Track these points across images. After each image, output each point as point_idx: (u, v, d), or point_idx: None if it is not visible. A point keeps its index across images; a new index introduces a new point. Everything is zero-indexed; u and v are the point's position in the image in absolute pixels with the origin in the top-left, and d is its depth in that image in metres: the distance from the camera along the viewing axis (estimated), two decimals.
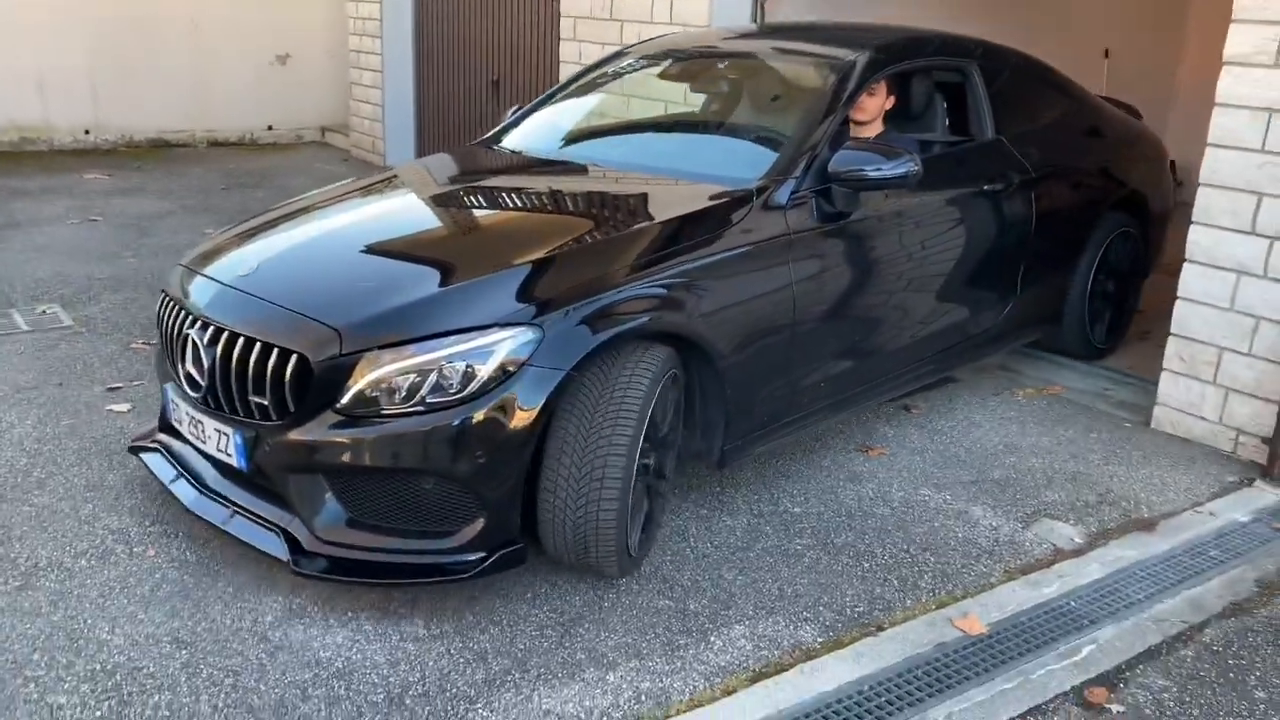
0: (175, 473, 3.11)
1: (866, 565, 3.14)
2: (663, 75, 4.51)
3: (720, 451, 3.24)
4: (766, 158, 3.54)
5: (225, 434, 2.87)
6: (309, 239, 3.34)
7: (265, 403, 2.76)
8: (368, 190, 3.86)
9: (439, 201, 3.77)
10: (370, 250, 3.21)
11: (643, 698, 2.49)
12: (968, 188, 4.05)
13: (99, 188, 8.18)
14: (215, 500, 2.95)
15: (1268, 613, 2.99)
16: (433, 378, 2.64)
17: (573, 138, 4.33)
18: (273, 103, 10.60)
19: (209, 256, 3.26)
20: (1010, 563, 3.20)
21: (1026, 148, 4.31)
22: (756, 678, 2.58)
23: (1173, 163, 5.35)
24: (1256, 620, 2.95)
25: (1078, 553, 3.28)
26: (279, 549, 2.75)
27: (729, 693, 2.52)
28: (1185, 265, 4.07)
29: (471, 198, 3.80)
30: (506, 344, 2.68)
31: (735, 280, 3.17)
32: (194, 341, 2.90)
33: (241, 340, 2.80)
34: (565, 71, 6.89)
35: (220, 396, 2.86)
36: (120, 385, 4.29)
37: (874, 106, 3.96)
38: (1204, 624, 2.92)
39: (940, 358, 4.10)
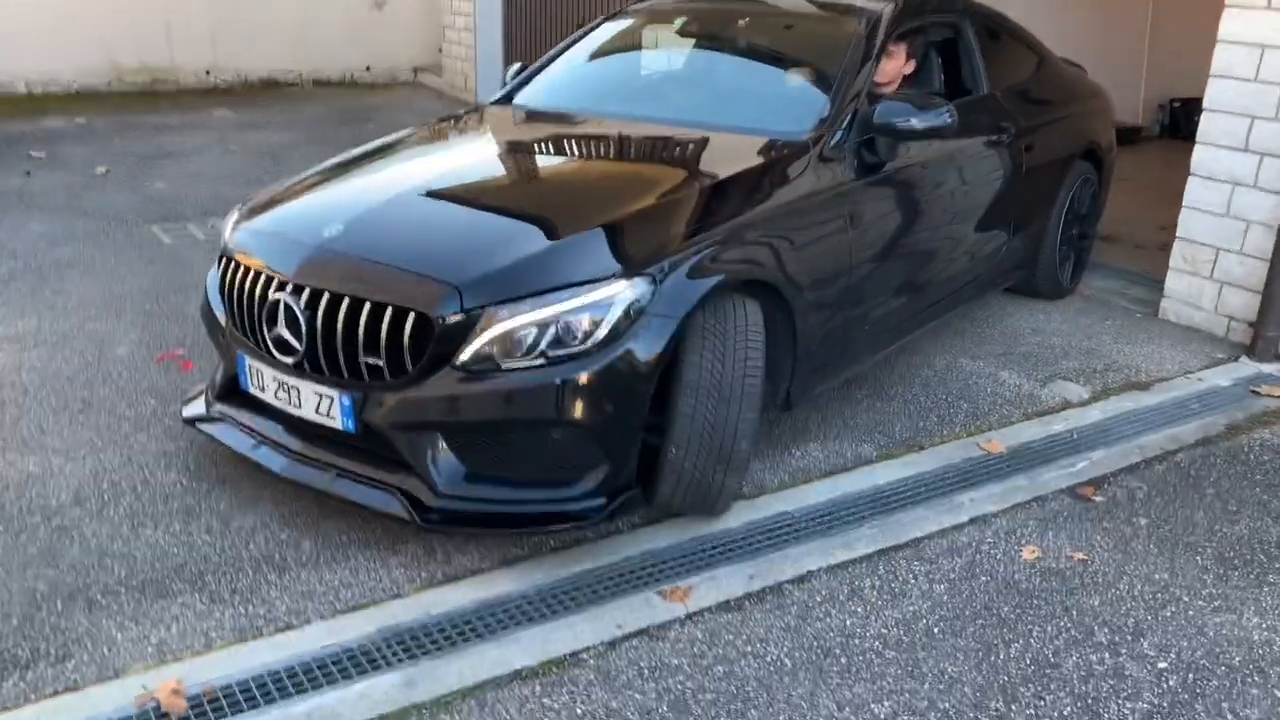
0: (254, 441, 3.08)
1: (913, 408, 4.00)
2: (686, 28, 4.59)
3: (785, 394, 3.41)
4: (812, 109, 3.67)
5: (329, 397, 2.82)
6: (388, 193, 3.25)
7: (379, 363, 2.73)
8: (422, 143, 3.90)
9: (507, 154, 3.86)
10: (458, 204, 3.27)
11: (742, 484, 3.38)
12: (978, 138, 4.33)
13: (228, 123, 9.15)
14: (310, 465, 2.93)
15: (1229, 444, 3.81)
16: (552, 330, 2.68)
17: (612, 93, 4.34)
18: (370, 45, 11.48)
19: (277, 217, 3.23)
20: (1028, 409, 4.03)
21: (1013, 102, 4.65)
22: (827, 474, 3.47)
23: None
24: (1219, 449, 3.77)
25: (1083, 404, 4.10)
26: (398, 508, 2.77)
27: (807, 482, 3.41)
28: (1190, 179, 4.82)
29: (534, 151, 3.87)
30: (626, 294, 2.73)
31: (804, 229, 3.32)
32: (287, 306, 2.84)
33: (347, 302, 2.75)
34: None
35: (322, 360, 2.82)
36: None
37: (893, 70, 4.16)
38: (1176, 451, 3.75)
39: (951, 300, 4.38)
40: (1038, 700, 2.43)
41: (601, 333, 2.70)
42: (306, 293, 2.82)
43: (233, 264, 3.10)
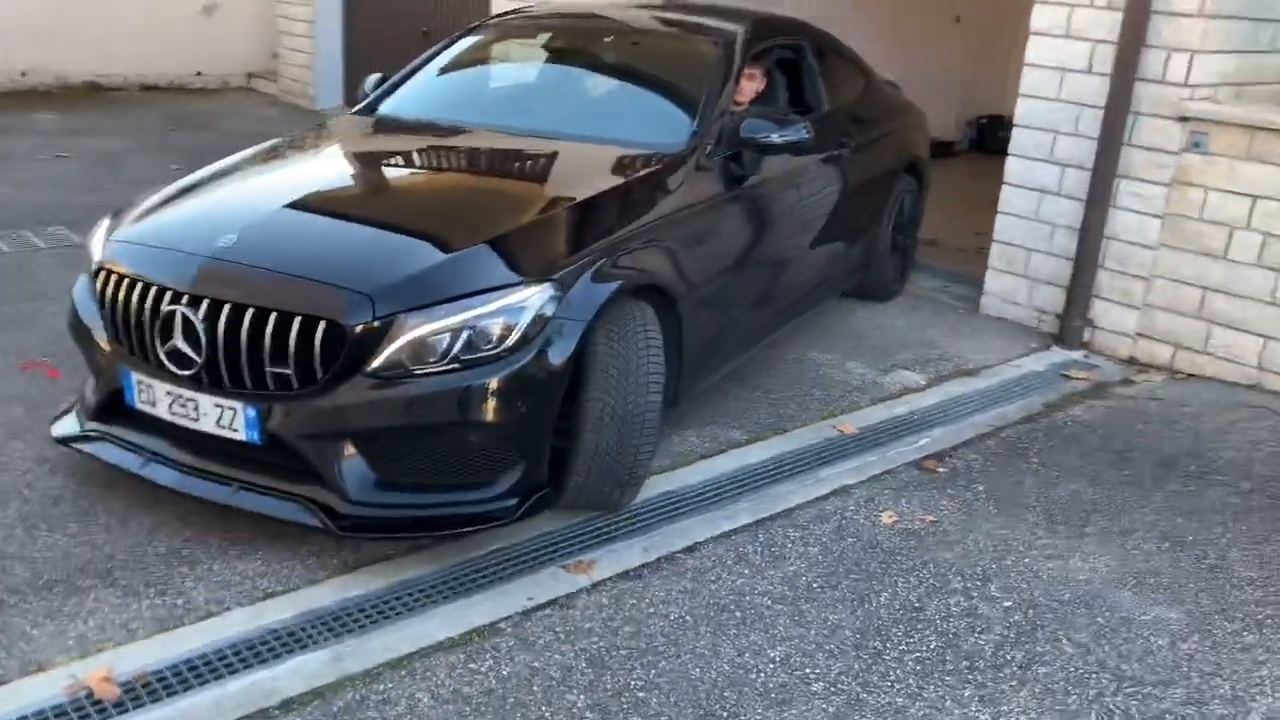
0: (141, 458, 2.99)
1: (773, 397, 4.34)
2: (552, 44, 4.76)
3: (674, 393, 3.51)
4: (685, 124, 3.87)
5: (231, 409, 2.79)
6: (274, 204, 3.21)
7: (287, 372, 2.72)
8: (295, 152, 3.95)
9: (394, 164, 3.94)
10: (349, 214, 3.29)
11: None
12: (824, 153, 4.65)
13: (53, 127, 8.75)
14: (208, 479, 2.89)
15: (1047, 421, 4.32)
16: (465, 336, 2.73)
17: (489, 105, 4.47)
18: (201, 50, 11.15)
19: (159, 227, 3.18)
20: (874, 395, 4.44)
21: (849, 119, 5.02)
22: (703, 457, 3.75)
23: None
24: (1039, 425, 4.27)
25: (921, 389, 4.55)
26: (308, 517, 2.77)
27: (688, 464, 3.69)
28: (1004, 187, 5.38)
29: (423, 163, 3.92)
30: (536, 300, 2.83)
31: (687, 236, 3.52)
32: (184, 318, 2.80)
33: (252, 312, 2.74)
34: None
35: (224, 372, 2.78)
36: None
37: (748, 89, 4.43)
38: (1004, 427, 4.22)
39: (805, 302, 4.73)
40: (908, 638, 2.77)
41: (514, 338, 2.78)
42: (205, 304, 2.79)
43: (111, 277, 3.02)
